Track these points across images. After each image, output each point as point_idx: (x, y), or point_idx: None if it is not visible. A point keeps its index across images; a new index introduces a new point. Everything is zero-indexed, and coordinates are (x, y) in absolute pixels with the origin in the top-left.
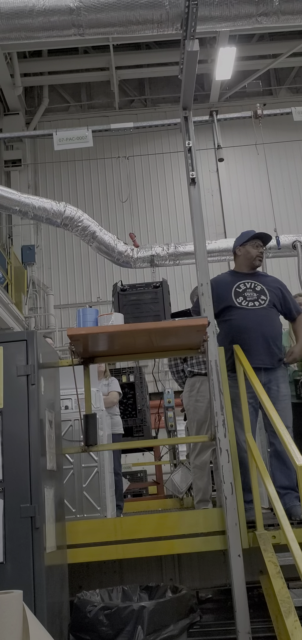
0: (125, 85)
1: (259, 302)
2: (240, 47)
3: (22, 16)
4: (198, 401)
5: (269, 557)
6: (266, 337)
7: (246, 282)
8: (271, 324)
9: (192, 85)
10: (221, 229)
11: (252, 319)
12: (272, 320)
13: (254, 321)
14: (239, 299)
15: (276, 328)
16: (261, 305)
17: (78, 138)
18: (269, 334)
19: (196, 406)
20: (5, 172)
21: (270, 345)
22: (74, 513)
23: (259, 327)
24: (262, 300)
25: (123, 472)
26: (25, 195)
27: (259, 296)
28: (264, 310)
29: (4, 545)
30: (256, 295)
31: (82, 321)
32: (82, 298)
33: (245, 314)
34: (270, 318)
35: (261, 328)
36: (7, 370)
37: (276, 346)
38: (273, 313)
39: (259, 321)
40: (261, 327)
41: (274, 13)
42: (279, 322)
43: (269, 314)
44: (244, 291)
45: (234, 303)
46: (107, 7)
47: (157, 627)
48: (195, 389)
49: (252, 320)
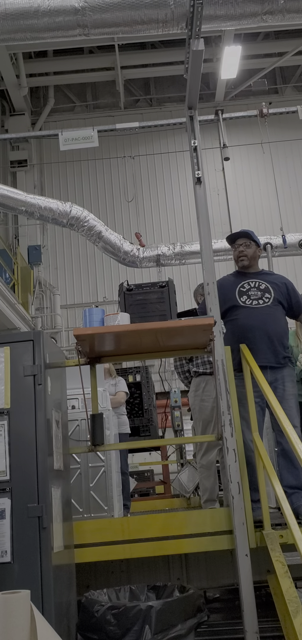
0: (130, 85)
1: (263, 300)
2: (245, 46)
3: (27, 17)
4: (203, 401)
5: (276, 556)
6: (271, 336)
7: (250, 281)
8: (276, 322)
9: (198, 85)
10: (227, 228)
11: (257, 317)
12: (277, 319)
13: (258, 319)
14: (243, 298)
15: (281, 326)
16: (266, 304)
17: (84, 138)
18: (274, 332)
19: (201, 406)
20: (12, 172)
21: (275, 343)
22: (81, 513)
23: (263, 325)
24: (267, 299)
25: (130, 471)
26: (31, 195)
27: (263, 294)
28: (268, 309)
29: (11, 545)
30: (260, 294)
31: (89, 321)
32: (89, 298)
33: (249, 313)
34: (275, 316)
35: (266, 326)
36: (14, 370)
37: (281, 344)
38: (278, 311)
39: (263, 319)
40: (266, 325)
41: (279, 11)
42: (285, 320)
43: (274, 311)
44: (248, 290)
45: (238, 302)
46: (112, 7)
47: (165, 627)
48: (200, 388)
49: (257, 318)
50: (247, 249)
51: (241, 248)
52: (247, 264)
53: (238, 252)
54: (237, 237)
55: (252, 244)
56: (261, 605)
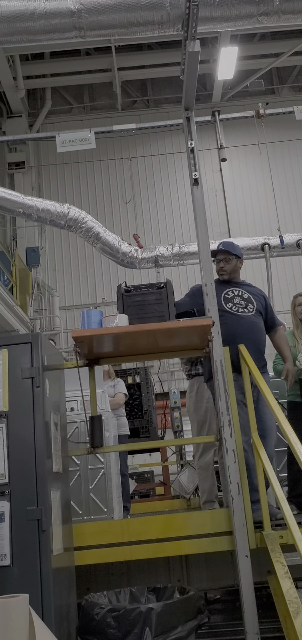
0: (127, 86)
1: (248, 310)
2: (242, 47)
3: (23, 19)
4: (198, 401)
5: (276, 557)
6: (256, 344)
7: (234, 289)
8: (260, 331)
9: (194, 86)
10: (225, 229)
11: (244, 325)
12: (261, 328)
13: (245, 327)
14: (228, 305)
15: (263, 335)
16: (250, 313)
17: (81, 140)
18: (259, 341)
19: (195, 406)
20: (9, 174)
21: (259, 351)
22: (81, 515)
23: (251, 333)
24: (251, 308)
25: (130, 473)
26: (28, 197)
27: (247, 304)
28: (254, 317)
29: (10, 549)
30: (244, 303)
31: (87, 323)
32: (87, 299)
33: (237, 320)
34: (259, 326)
35: (252, 334)
36: (12, 373)
37: (262, 353)
38: (260, 321)
39: (250, 328)
40: (252, 333)
41: (274, 13)
42: (264, 329)
43: (258, 321)
44: (232, 298)
45: (224, 307)
46: (108, 9)
47: (165, 629)
48: (194, 389)
49: (244, 326)
50: (227, 264)
51: (222, 264)
52: (227, 278)
53: (219, 268)
54: (217, 252)
55: (232, 259)
56: (262, 606)
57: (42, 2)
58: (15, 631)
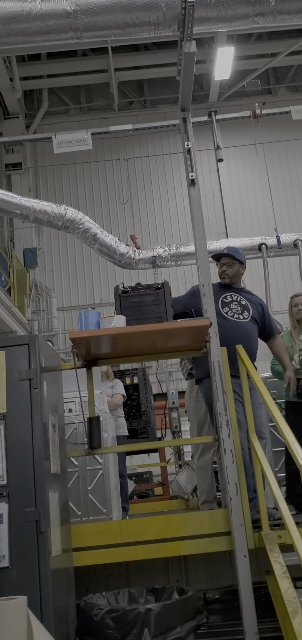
0: (124, 87)
1: (243, 316)
2: (238, 47)
3: (19, 21)
4: (198, 402)
5: (275, 557)
6: (249, 350)
7: (233, 294)
8: (253, 338)
9: (190, 87)
10: (222, 229)
11: (238, 331)
12: (254, 335)
13: (238, 333)
14: (225, 309)
15: (256, 342)
16: (245, 319)
17: (77, 141)
18: (251, 347)
19: (195, 407)
20: (6, 175)
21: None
22: (79, 516)
23: (242, 339)
24: (246, 315)
25: (128, 473)
26: (25, 198)
27: (243, 310)
28: (248, 324)
29: (9, 550)
30: (240, 309)
31: (85, 324)
32: (85, 300)
33: (230, 326)
34: (253, 333)
35: (245, 341)
36: (10, 374)
37: (252, 360)
38: (254, 329)
39: (244, 334)
40: (246, 340)
41: (270, 13)
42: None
43: (252, 328)
44: (230, 302)
45: (220, 312)
46: (104, 10)
47: (164, 630)
48: (194, 390)
49: (238, 332)
50: (230, 269)
51: (224, 268)
52: (229, 282)
53: (221, 271)
54: (221, 255)
55: (235, 263)
56: (261, 605)
57: (38, 3)
58: (13, 633)
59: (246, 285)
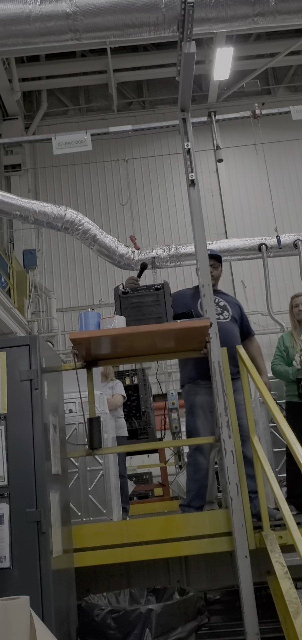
0: (123, 88)
1: (223, 317)
2: (237, 47)
3: (18, 22)
4: None
5: (276, 557)
6: (232, 349)
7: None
8: (236, 337)
9: (190, 87)
10: (222, 229)
11: (221, 331)
12: (237, 335)
13: (223, 333)
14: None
15: (239, 341)
16: (226, 320)
17: (77, 142)
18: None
19: None
20: (6, 177)
21: (234, 357)
22: (80, 517)
23: (228, 339)
24: (226, 315)
25: (128, 474)
26: (25, 200)
27: (222, 311)
28: (229, 324)
29: (10, 551)
30: (220, 310)
31: (84, 325)
32: (85, 301)
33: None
34: (234, 332)
35: (228, 340)
36: (11, 375)
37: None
38: (236, 328)
39: (227, 334)
40: (229, 339)
41: (270, 13)
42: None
43: (233, 328)
44: None
45: (200, 313)
46: (103, 11)
47: (165, 630)
48: None
49: (222, 332)
50: (215, 271)
51: (210, 269)
52: (214, 284)
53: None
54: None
55: (219, 266)
56: (262, 606)
57: (37, 4)
58: (16, 633)
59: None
